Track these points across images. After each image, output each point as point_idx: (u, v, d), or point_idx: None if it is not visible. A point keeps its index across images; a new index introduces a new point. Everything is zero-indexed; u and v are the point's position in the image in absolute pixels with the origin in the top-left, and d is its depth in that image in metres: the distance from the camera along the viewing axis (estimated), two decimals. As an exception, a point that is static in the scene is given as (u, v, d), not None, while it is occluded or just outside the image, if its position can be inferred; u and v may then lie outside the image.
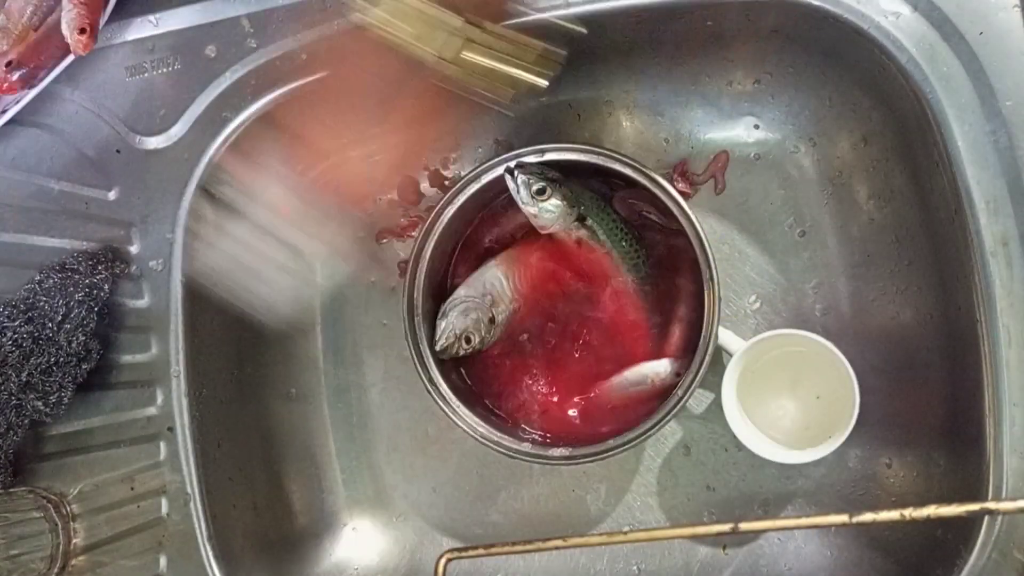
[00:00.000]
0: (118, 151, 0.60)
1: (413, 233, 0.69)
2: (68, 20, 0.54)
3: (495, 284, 0.59)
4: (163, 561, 0.59)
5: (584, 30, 0.53)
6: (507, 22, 0.47)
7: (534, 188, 0.54)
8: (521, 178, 0.54)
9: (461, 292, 0.59)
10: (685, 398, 0.53)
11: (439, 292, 0.60)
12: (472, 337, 0.57)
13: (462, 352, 0.57)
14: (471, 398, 0.59)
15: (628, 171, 0.55)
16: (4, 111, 0.59)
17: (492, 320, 0.58)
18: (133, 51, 0.60)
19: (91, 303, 0.58)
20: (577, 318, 0.60)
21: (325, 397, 0.70)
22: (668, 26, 0.57)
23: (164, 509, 0.59)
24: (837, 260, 0.61)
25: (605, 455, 0.54)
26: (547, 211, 0.55)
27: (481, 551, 0.46)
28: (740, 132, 0.63)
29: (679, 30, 0.57)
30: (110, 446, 0.60)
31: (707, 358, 0.53)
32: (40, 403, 0.57)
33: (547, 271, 0.60)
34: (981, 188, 0.49)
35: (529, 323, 0.61)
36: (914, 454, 0.58)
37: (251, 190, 0.56)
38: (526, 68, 0.47)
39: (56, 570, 0.58)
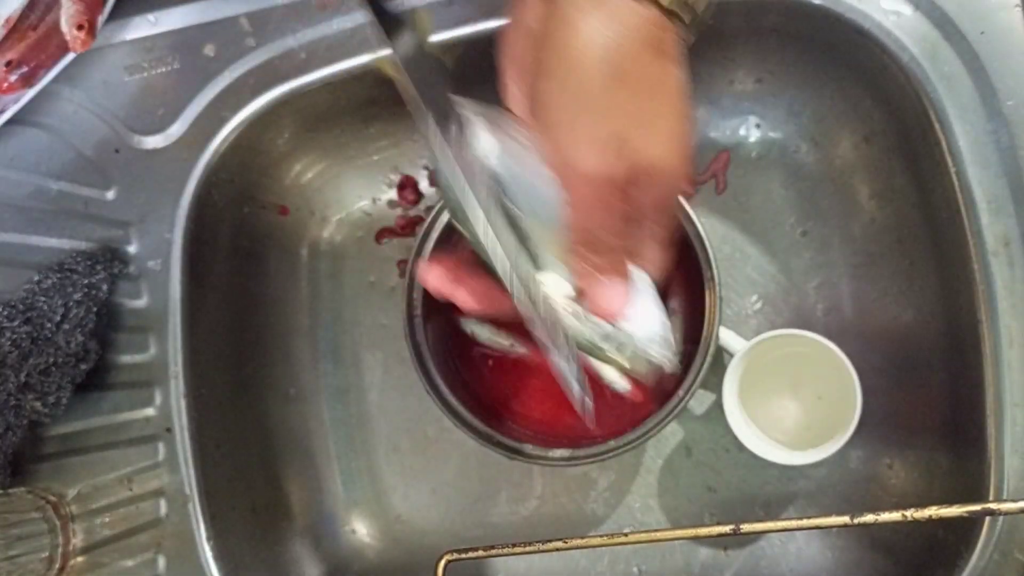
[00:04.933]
0: (117, 151, 0.60)
1: (412, 233, 0.69)
2: (67, 16, 0.54)
3: None
4: (162, 562, 0.58)
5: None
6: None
7: None
8: None
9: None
10: (686, 399, 0.53)
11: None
12: None
13: None
14: (471, 399, 0.59)
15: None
16: (3, 111, 0.58)
17: None
18: (132, 50, 0.60)
19: (90, 303, 0.57)
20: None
21: (324, 398, 0.69)
22: (669, 25, 0.57)
23: (163, 510, 0.59)
24: (839, 260, 0.61)
25: (606, 456, 0.54)
26: None
27: (481, 553, 0.46)
28: (741, 131, 0.63)
29: (680, 29, 0.57)
30: (108, 447, 0.60)
31: (708, 359, 0.53)
32: (39, 403, 0.57)
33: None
34: (983, 188, 0.49)
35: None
36: (915, 455, 0.58)
37: None
38: None
39: (55, 571, 0.58)
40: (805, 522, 0.43)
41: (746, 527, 0.43)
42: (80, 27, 0.54)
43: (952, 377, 0.55)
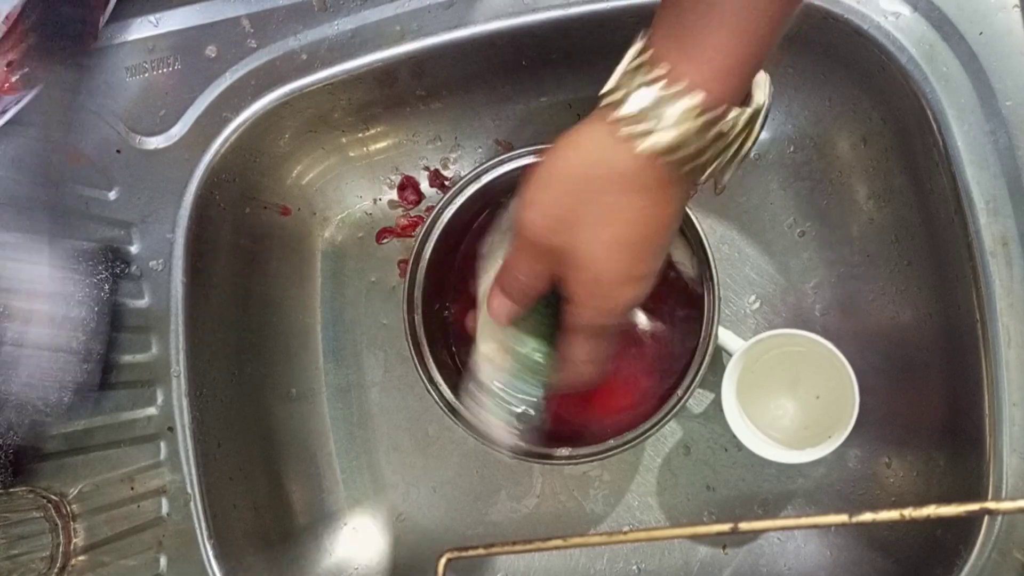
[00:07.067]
0: (118, 151, 0.60)
1: (413, 233, 0.69)
2: (68, 20, 0.54)
3: None
4: (163, 561, 0.59)
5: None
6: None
7: None
8: None
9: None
10: (685, 398, 0.53)
11: (439, 292, 0.60)
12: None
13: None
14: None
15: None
16: (4, 111, 0.59)
17: None
18: (133, 51, 0.60)
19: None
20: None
21: (325, 397, 0.70)
22: (668, 26, 0.57)
23: (164, 509, 0.59)
24: (837, 260, 0.61)
25: (605, 455, 0.54)
26: None
27: (481, 551, 0.46)
28: (740, 132, 0.63)
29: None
30: (110, 446, 0.60)
31: (707, 358, 0.53)
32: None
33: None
34: (981, 188, 0.49)
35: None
36: (914, 454, 0.58)
37: None
38: None
39: (56, 570, 0.58)
40: (803, 520, 0.43)
41: (744, 526, 0.43)
42: (82, 28, 0.54)
43: (950, 376, 0.55)
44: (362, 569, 0.67)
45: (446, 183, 0.68)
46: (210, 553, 0.58)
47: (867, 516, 0.41)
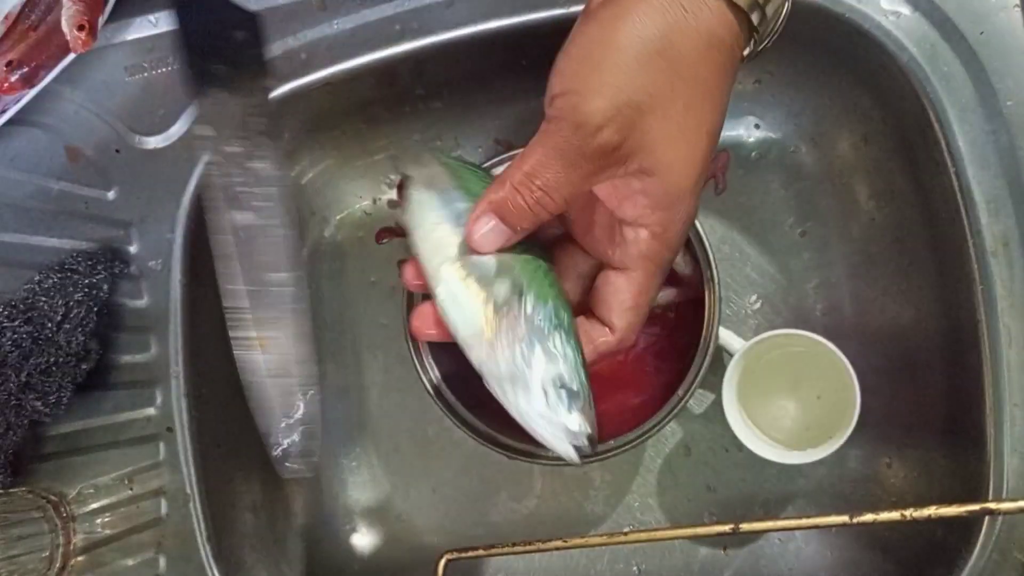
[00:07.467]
0: (117, 151, 0.60)
1: (413, 233, 0.69)
2: (68, 17, 0.54)
3: None
4: (163, 561, 0.59)
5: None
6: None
7: None
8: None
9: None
10: (686, 398, 0.53)
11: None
12: None
13: None
14: (471, 398, 0.59)
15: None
16: (4, 111, 0.58)
17: None
18: (132, 51, 0.60)
19: (90, 303, 0.57)
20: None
21: (325, 397, 0.69)
22: (668, 26, 0.57)
23: (163, 509, 0.59)
24: (838, 260, 0.61)
25: (605, 455, 0.54)
26: None
27: (481, 552, 0.46)
28: (741, 132, 0.63)
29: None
30: (109, 446, 0.60)
31: (707, 358, 0.53)
32: (39, 403, 0.57)
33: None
34: (982, 188, 0.49)
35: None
36: (915, 454, 0.58)
37: None
38: None
39: (56, 570, 0.58)
40: (804, 521, 0.43)
41: (745, 526, 0.43)
42: (81, 27, 0.54)
43: (951, 377, 0.55)
44: (361, 570, 0.67)
45: (446, 183, 0.68)
46: (209, 553, 0.58)
47: (868, 517, 0.41)
